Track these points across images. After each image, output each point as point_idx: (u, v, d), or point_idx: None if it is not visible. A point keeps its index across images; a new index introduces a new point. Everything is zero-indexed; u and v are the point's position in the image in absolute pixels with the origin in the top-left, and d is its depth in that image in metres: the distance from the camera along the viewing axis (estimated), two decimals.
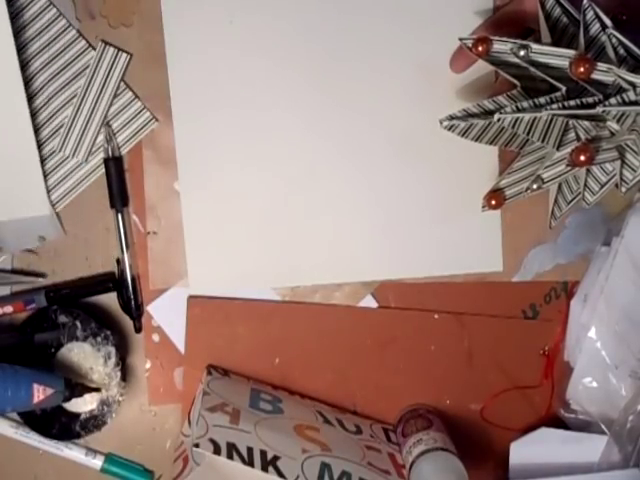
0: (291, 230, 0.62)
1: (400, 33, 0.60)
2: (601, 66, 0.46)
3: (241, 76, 0.60)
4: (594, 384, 0.61)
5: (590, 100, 0.47)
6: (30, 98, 0.59)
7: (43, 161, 0.60)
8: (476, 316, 0.64)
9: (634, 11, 0.50)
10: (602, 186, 0.52)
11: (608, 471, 0.60)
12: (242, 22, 0.60)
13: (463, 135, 0.54)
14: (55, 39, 0.59)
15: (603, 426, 0.61)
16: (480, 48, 0.49)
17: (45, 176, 0.60)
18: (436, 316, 0.63)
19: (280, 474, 0.53)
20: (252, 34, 0.60)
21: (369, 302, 0.63)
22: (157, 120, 0.60)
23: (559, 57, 0.48)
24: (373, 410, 0.65)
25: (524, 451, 0.62)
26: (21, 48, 0.58)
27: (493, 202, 0.56)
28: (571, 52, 0.47)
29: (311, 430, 0.59)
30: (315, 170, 0.61)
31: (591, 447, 0.61)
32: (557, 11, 0.50)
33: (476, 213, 0.58)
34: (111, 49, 0.59)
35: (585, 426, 0.62)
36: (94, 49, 0.59)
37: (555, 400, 0.64)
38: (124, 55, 0.59)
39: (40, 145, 0.59)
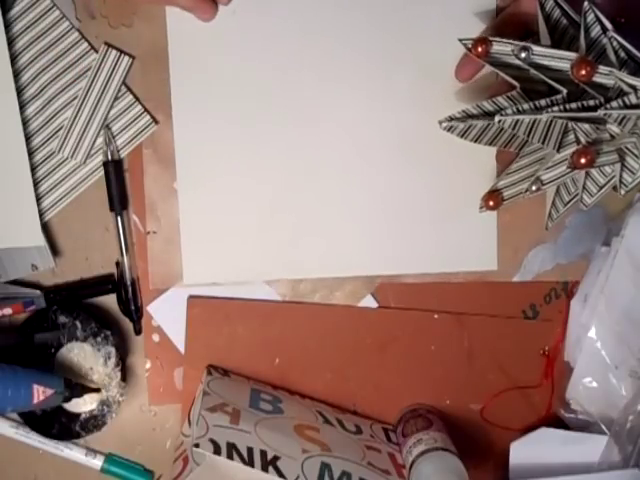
0: (289, 228, 0.62)
1: (401, 34, 0.60)
2: (602, 69, 0.46)
3: (241, 75, 0.60)
4: (594, 384, 0.62)
5: (591, 103, 0.47)
6: (30, 99, 0.59)
7: (41, 163, 0.60)
8: (476, 316, 0.64)
9: (633, 15, 0.50)
10: (600, 188, 0.52)
11: (608, 471, 0.60)
12: (243, 23, 0.60)
13: (462, 136, 0.54)
14: (57, 41, 0.59)
15: (603, 426, 0.61)
16: (479, 49, 0.50)
17: (42, 180, 0.60)
18: (436, 316, 0.63)
19: (280, 474, 0.53)
20: (253, 35, 0.60)
21: (369, 302, 0.63)
22: (157, 123, 0.60)
23: (560, 59, 0.48)
24: (373, 410, 0.65)
25: (524, 451, 0.62)
26: (22, 50, 0.58)
27: (491, 203, 0.56)
28: (572, 55, 0.47)
29: (311, 430, 0.59)
30: (314, 169, 0.61)
31: (591, 447, 0.61)
32: (557, 13, 0.50)
33: (473, 213, 0.58)
34: (113, 52, 0.59)
35: (585, 426, 0.62)
36: (96, 51, 0.59)
37: (555, 400, 0.64)
38: (126, 58, 0.59)
39: (39, 147, 0.60)
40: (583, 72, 0.46)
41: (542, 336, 0.64)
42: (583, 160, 0.48)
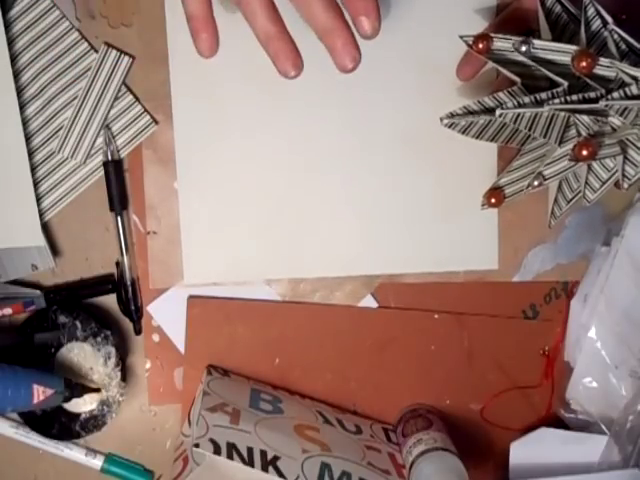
0: (290, 228, 0.62)
1: (403, 32, 0.60)
2: (603, 61, 0.46)
3: (242, 75, 0.60)
4: (594, 384, 0.62)
5: (592, 95, 0.47)
6: (30, 100, 0.59)
7: (41, 163, 0.60)
8: (476, 316, 0.64)
9: (634, 11, 0.50)
10: (603, 183, 0.52)
11: (608, 471, 0.60)
12: (244, 22, 0.59)
13: (464, 133, 0.53)
14: (57, 41, 0.59)
15: (603, 426, 0.61)
16: (480, 45, 0.49)
17: (42, 180, 0.60)
18: (436, 316, 0.63)
19: (280, 474, 0.53)
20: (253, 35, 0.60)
21: (369, 302, 0.63)
22: (157, 123, 0.60)
23: (561, 52, 0.47)
24: (373, 410, 0.65)
25: (524, 451, 0.62)
26: (23, 50, 0.58)
27: (493, 200, 0.56)
28: (573, 47, 0.47)
29: (311, 430, 0.59)
30: (315, 168, 0.61)
31: (591, 447, 0.61)
32: (557, 9, 0.50)
33: (474, 211, 0.58)
34: (113, 52, 0.59)
35: (585, 426, 0.62)
36: (96, 51, 0.59)
37: (555, 400, 0.64)
38: (126, 58, 0.59)
39: (39, 147, 0.60)
40: (584, 64, 0.46)
41: (542, 336, 0.64)
42: (585, 152, 0.48)
